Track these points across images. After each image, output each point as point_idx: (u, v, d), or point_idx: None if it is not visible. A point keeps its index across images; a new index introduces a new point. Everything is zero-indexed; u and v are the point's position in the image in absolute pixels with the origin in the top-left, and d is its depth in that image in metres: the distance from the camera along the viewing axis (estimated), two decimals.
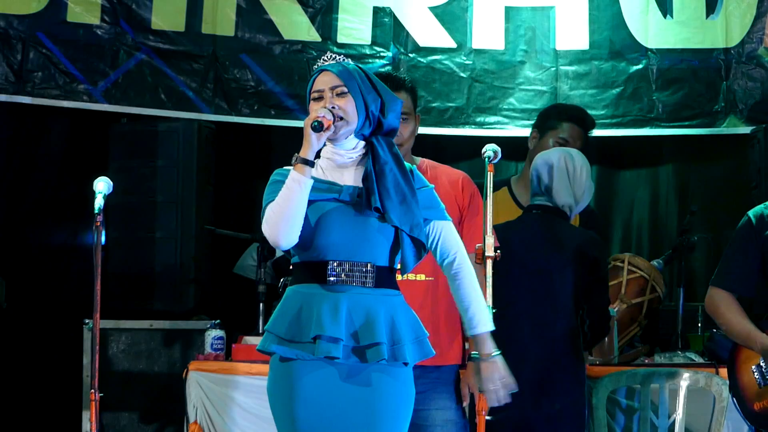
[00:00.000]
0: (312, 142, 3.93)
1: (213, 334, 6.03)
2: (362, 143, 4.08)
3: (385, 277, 4.04)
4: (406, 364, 4.02)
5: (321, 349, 3.93)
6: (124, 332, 6.52)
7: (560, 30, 7.02)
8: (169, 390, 6.30)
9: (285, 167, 4.07)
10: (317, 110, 3.98)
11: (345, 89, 4.03)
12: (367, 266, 4.01)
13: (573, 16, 7.01)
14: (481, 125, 7.04)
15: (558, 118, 6.21)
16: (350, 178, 4.07)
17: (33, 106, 6.86)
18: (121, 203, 6.60)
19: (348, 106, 4.02)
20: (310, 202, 3.99)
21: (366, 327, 3.98)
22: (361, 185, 4.03)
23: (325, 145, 4.05)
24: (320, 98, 4.05)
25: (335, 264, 3.99)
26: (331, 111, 3.98)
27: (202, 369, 5.88)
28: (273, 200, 3.98)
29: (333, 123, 3.97)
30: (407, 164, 4.12)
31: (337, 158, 4.09)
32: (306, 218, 3.98)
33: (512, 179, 6.47)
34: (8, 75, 6.76)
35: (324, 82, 4.05)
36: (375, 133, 4.07)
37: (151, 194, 6.74)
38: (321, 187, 4.01)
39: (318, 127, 3.92)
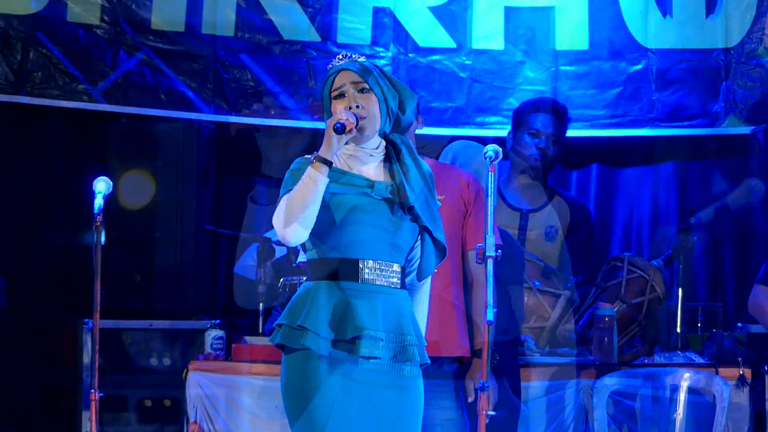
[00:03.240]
0: (333, 143, 3.87)
1: (213, 334, 6.03)
2: (383, 141, 4.05)
3: (404, 279, 4.04)
4: (423, 365, 4.03)
5: (363, 349, 3.90)
6: (124, 332, 6.51)
7: (560, 30, 7.01)
8: (169, 390, 6.29)
9: (307, 155, 3.99)
10: (339, 111, 3.92)
11: (367, 86, 3.98)
12: (394, 267, 3.99)
13: (573, 16, 7.00)
14: (481, 125, 7.04)
15: (527, 112, 6.42)
16: (373, 174, 4.03)
17: (33, 106, 6.85)
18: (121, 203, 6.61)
19: (371, 105, 3.97)
20: (341, 195, 3.93)
21: (398, 327, 3.97)
22: (386, 182, 3.99)
23: (347, 143, 3.98)
24: (342, 95, 4.00)
25: (368, 263, 3.95)
26: (354, 113, 3.93)
27: (202, 369, 5.87)
28: (289, 191, 3.92)
29: (355, 126, 3.91)
30: (426, 167, 4.09)
31: (361, 155, 4.03)
32: (334, 211, 3.92)
33: (501, 180, 6.50)
34: (8, 75, 6.76)
35: (345, 78, 3.99)
36: (393, 129, 4.04)
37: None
38: (353, 181, 3.97)
39: (340, 129, 3.85)
